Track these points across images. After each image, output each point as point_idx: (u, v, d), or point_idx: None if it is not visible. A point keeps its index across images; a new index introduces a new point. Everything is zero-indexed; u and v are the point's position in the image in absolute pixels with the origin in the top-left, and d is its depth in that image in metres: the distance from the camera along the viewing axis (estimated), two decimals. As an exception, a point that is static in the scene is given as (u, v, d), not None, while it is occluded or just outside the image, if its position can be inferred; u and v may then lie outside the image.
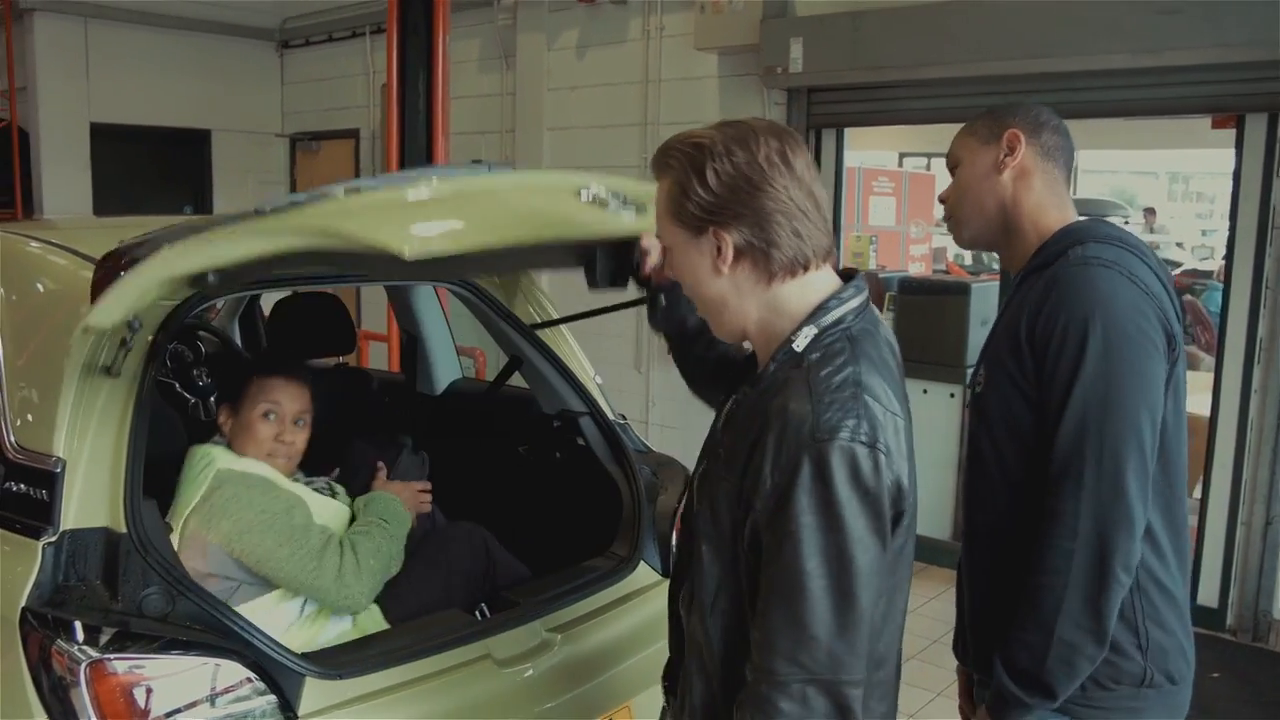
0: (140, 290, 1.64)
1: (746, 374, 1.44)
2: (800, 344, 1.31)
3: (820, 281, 1.36)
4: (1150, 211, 12.38)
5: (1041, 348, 1.57)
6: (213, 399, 3.35)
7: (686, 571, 1.46)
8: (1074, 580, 1.52)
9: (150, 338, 2.01)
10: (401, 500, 2.37)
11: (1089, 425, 1.52)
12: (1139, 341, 1.53)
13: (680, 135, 1.37)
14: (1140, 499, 1.52)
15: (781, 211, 1.30)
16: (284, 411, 2.28)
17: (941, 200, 1.84)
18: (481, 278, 2.66)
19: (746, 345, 1.46)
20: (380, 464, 2.52)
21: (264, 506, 2.12)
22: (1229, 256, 4.29)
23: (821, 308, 1.33)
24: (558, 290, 2.87)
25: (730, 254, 1.32)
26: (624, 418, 2.74)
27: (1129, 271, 1.57)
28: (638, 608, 2.30)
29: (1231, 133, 4.28)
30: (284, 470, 2.28)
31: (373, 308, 6.93)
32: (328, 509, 2.29)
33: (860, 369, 1.28)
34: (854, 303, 1.36)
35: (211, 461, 2.19)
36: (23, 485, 1.85)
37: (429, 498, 2.53)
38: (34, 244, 2.35)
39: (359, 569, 2.13)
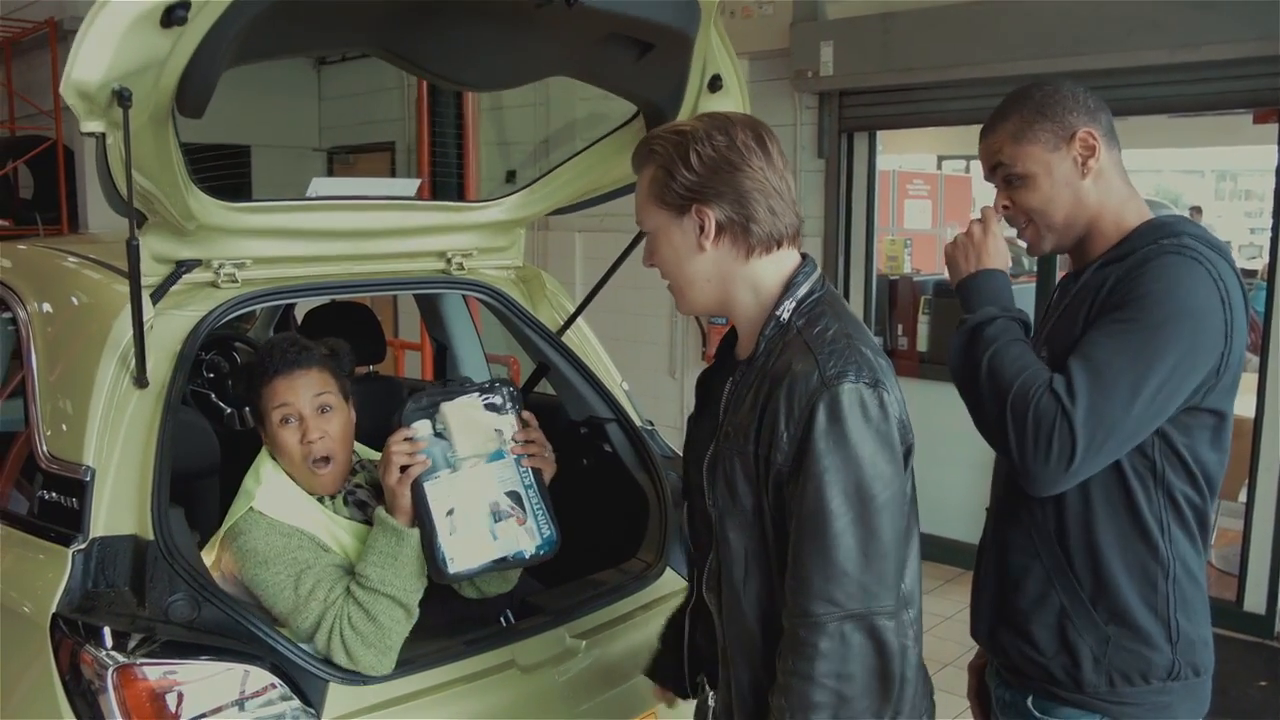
0: (123, 33, 1.54)
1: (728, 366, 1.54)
2: (784, 316, 1.44)
3: (789, 259, 1.48)
4: (1196, 210, 12.16)
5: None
6: (247, 409, 3.39)
7: (708, 561, 1.52)
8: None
9: (178, 347, 2.05)
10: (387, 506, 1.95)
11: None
12: (1206, 336, 1.52)
13: (662, 127, 1.50)
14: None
15: (759, 190, 1.43)
16: (299, 409, 2.01)
17: (1007, 212, 1.72)
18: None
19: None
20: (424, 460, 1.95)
21: (270, 570, 1.91)
22: (1272, 254, 4.20)
23: (793, 283, 1.46)
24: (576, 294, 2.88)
25: (713, 229, 1.43)
26: (651, 424, 2.74)
27: (1219, 275, 1.54)
28: (663, 614, 2.28)
29: (1274, 128, 4.19)
30: (335, 479, 2.04)
31: (409, 318, 6.99)
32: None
33: (845, 325, 1.42)
34: (815, 275, 1.49)
35: (249, 490, 2.01)
36: (55, 493, 1.90)
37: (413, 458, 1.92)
38: (71, 260, 2.41)
39: (363, 646, 1.86)
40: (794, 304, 1.44)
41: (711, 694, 1.63)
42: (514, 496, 1.99)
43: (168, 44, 1.58)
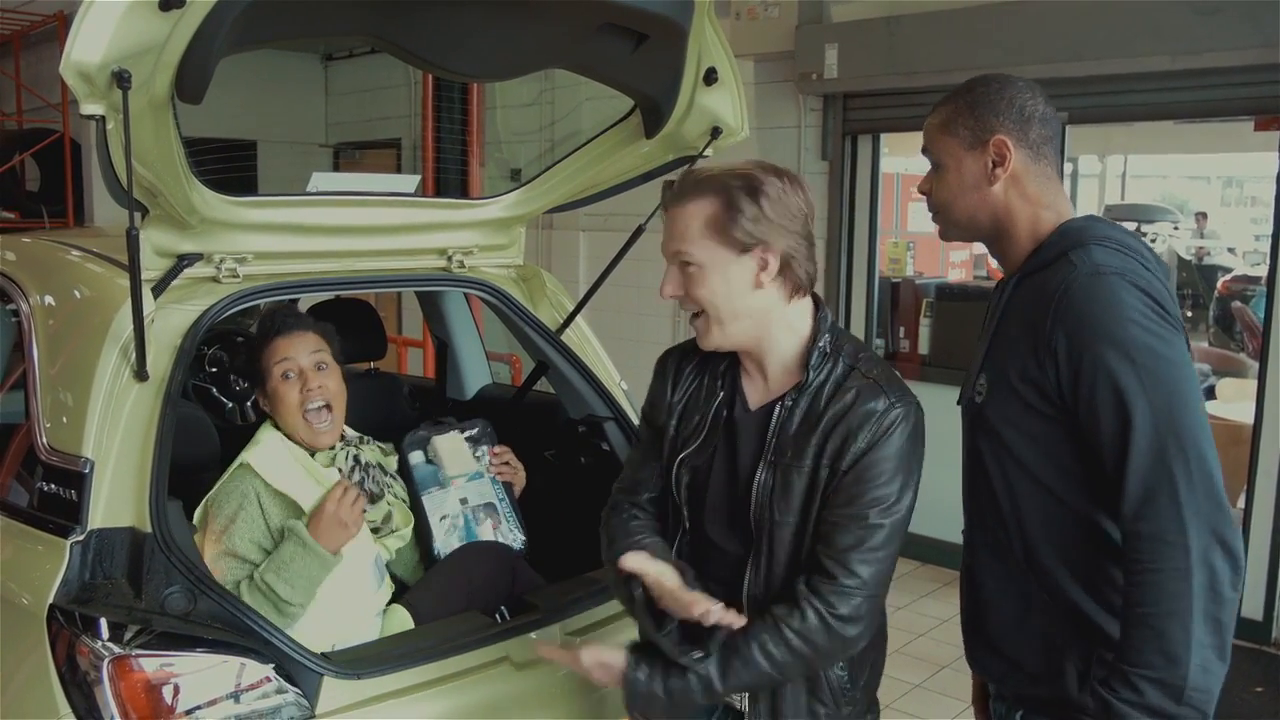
0: (122, 14, 1.54)
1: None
2: (826, 347, 1.64)
3: (808, 303, 1.68)
4: (1201, 216, 12.15)
5: (1068, 379, 1.49)
6: (249, 403, 3.41)
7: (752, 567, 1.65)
8: (1196, 603, 1.39)
9: (179, 341, 2.07)
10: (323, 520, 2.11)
11: (1166, 442, 1.42)
12: (1164, 338, 1.46)
13: (719, 166, 1.64)
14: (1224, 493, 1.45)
15: (807, 241, 1.63)
16: (298, 364, 2.26)
17: (922, 192, 1.74)
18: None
19: None
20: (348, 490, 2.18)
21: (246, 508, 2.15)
22: (1273, 261, 4.20)
23: (821, 319, 1.67)
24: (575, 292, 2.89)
25: (775, 269, 1.59)
26: (649, 423, 2.75)
27: (1134, 278, 1.50)
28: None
29: (1275, 135, 4.19)
30: (331, 432, 2.28)
31: (412, 314, 7.01)
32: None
33: (871, 352, 1.69)
34: (828, 314, 1.70)
35: (248, 451, 2.22)
36: (53, 485, 1.91)
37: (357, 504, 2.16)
38: (74, 253, 2.42)
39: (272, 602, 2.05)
40: (830, 337, 1.65)
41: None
42: (489, 507, 2.53)
43: (167, 27, 1.59)
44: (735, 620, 1.57)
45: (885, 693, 1.73)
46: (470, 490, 2.52)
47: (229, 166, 8.56)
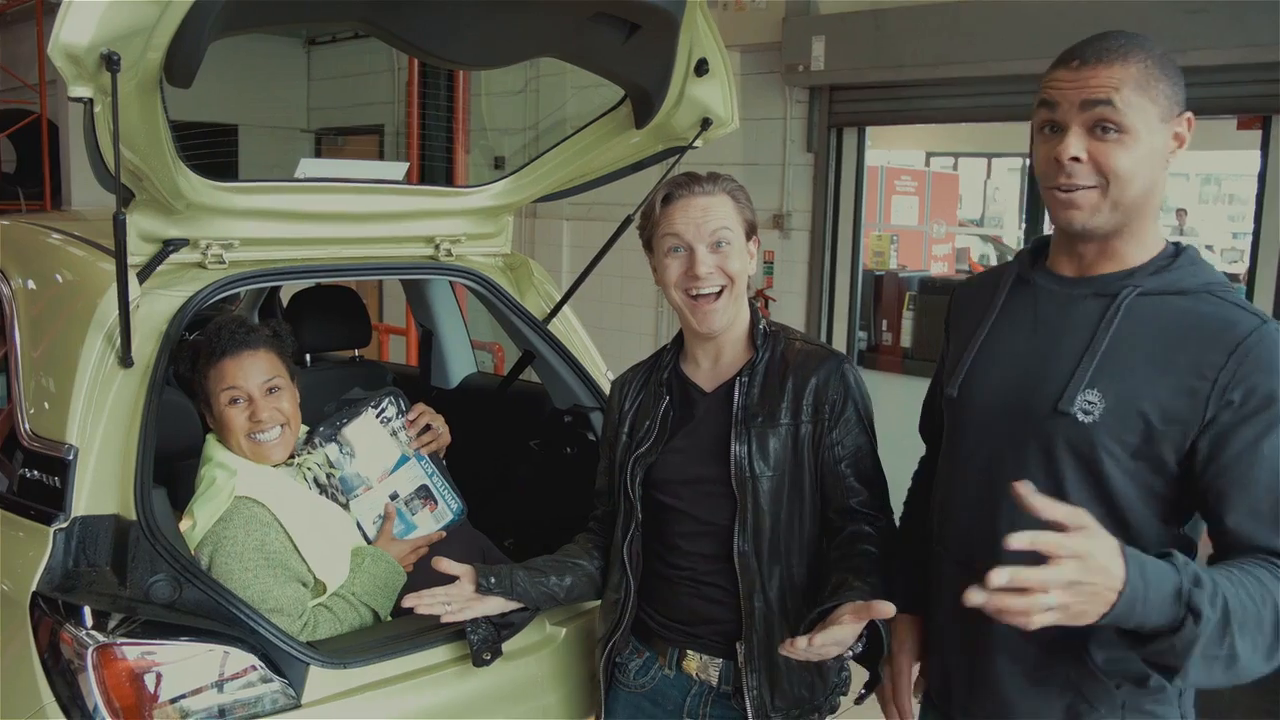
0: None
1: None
2: (765, 327, 1.87)
3: None
4: (1181, 212, 12.27)
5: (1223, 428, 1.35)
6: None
7: (738, 529, 1.77)
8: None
9: (164, 327, 2.05)
10: (394, 557, 2.21)
11: None
12: None
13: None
14: None
15: None
16: (247, 389, 2.06)
17: (1076, 164, 1.41)
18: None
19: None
20: (391, 511, 2.32)
21: (262, 546, 2.00)
22: (1253, 259, 4.24)
23: (753, 308, 1.90)
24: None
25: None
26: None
27: None
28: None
29: (1257, 134, 4.23)
30: (282, 449, 2.12)
31: (394, 301, 6.97)
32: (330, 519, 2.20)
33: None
34: None
35: (231, 475, 2.04)
36: (36, 472, 1.89)
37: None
38: (55, 236, 2.39)
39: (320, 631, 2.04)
40: (763, 319, 1.89)
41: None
42: (423, 490, 2.37)
43: (157, 9, 1.58)
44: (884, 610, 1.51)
45: (863, 679, 1.73)
46: (398, 481, 2.35)
47: (211, 151, 8.49)
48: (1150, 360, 1.40)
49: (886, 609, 1.49)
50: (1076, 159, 1.40)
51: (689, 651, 1.85)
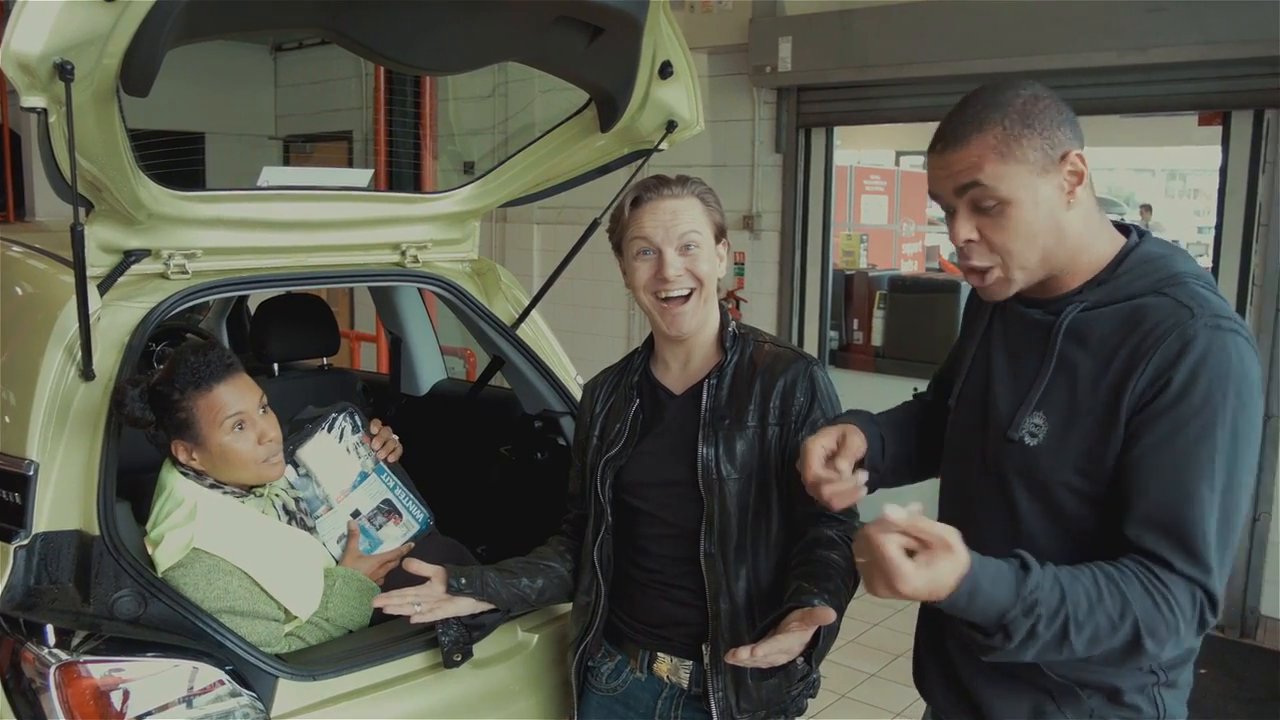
0: (65, 4, 1.50)
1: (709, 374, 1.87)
2: (735, 329, 1.88)
3: None
4: (1146, 208, 12.39)
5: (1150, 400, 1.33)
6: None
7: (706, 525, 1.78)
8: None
9: (126, 339, 2.02)
10: (364, 573, 2.18)
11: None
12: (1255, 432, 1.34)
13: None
14: None
15: None
16: (248, 413, 1.97)
17: (971, 246, 1.41)
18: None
19: None
20: (354, 529, 2.28)
21: (225, 595, 1.91)
22: (1216, 253, 4.30)
23: (723, 311, 1.91)
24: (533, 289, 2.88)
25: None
26: (605, 418, 2.75)
27: (1247, 333, 1.35)
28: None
29: (1218, 130, 4.29)
30: (278, 471, 2.06)
31: (365, 309, 6.93)
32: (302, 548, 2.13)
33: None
34: None
35: (190, 518, 1.92)
36: (-4, 488, 1.86)
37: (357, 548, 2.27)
38: (15, 249, 2.36)
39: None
40: (734, 323, 1.90)
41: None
42: (385, 504, 2.34)
43: (111, 17, 1.56)
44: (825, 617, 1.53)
45: (841, 681, 1.75)
46: (359, 498, 2.30)
47: (176, 160, 8.41)
48: (1090, 375, 1.38)
49: (827, 615, 1.52)
50: (971, 240, 1.40)
51: (660, 654, 1.85)
